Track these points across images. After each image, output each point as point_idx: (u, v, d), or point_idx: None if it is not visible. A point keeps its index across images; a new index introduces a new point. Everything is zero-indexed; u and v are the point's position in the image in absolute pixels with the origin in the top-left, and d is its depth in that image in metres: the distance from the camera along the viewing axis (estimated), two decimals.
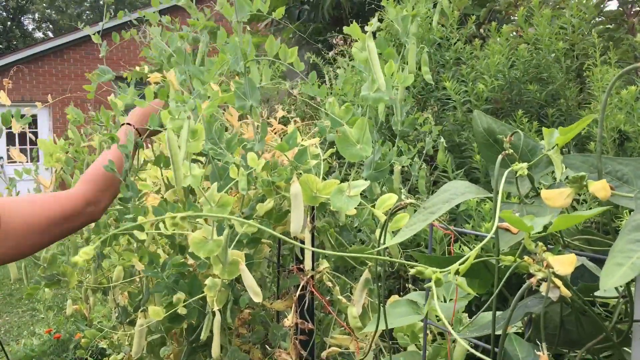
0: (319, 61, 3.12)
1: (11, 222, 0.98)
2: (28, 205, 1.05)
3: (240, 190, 1.02)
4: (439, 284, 0.53)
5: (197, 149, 0.99)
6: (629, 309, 0.67)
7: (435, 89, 2.38)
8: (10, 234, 0.98)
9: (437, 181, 2.13)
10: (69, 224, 1.10)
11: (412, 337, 1.26)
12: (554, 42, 2.14)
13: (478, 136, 0.84)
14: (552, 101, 2.20)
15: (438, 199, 0.75)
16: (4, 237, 0.97)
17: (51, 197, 1.11)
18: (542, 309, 0.63)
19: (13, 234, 0.99)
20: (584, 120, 0.68)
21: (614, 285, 0.52)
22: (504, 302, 1.35)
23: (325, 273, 1.25)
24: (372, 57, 0.92)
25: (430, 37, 2.40)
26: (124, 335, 1.68)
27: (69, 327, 3.80)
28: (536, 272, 0.58)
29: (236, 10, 1.05)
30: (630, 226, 0.57)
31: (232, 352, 1.32)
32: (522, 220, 0.59)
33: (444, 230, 1.06)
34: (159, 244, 1.46)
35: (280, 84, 1.55)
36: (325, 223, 1.32)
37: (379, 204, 1.09)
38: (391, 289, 1.96)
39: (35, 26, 27.22)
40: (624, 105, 1.75)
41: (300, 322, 1.24)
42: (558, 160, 0.70)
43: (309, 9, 5.23)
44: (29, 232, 1.02)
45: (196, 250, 0.99)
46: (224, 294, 1.20)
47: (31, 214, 1.04)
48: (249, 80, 1.09)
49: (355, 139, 0.93)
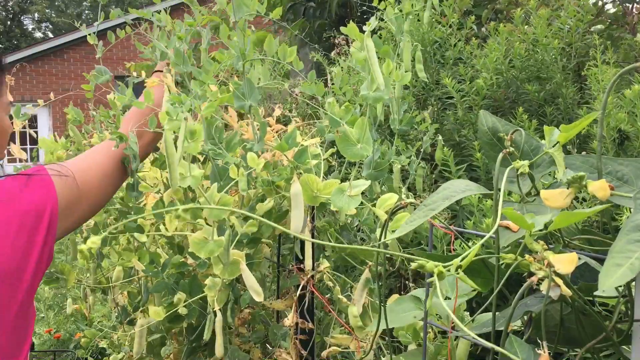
0: (323, 60, 3.11)
1: (85, 180, 1.02)
2: (90, 158, 1.09)
3: (240, 191, 1.02)
4: (441, 277, 0.53)
5: (195, 150, 0.99)
6: (629, 308, 0.67)
7: (435, 88, 2.38)
8: (86, 191, 1.02)
9: (437, 180, 2.13)
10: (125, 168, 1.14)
11: (414, 335, 1.26)
12: (551, 42, 2.14)
13: (482, 135, 0.84)
14: (550, 100, 2.20)
15: (438, 196, 0.75)
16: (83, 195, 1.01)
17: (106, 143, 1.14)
18: (542, 308, 0.63)
19: (88, 189, 1.02)
20: (585, 118, 0.68)
21: (612, 286, 0.52)
22: (504, 301, 1.35)
23: (326, 272, 1.25)
24: (370, 57, 0.92)
25: (431, 37, 2.40)
26: (124, 335, 1.68)
27: (69, 326, 3.80)
28: (537, 271, 0.58)
29: (234, 11, 1.05)
30: (630, 226, 0.57)
31: (232, 351, 1.32)
32: (523, 218, 0.59)
33: (444, 230, 1.06)
34: (159, 244, 1.46)
35: (280, 84, 1.55)
36: (325, 223, 1.32)
37: (379, 203, 1.09)
38: (392, 288, 1.96)
39: (35, 26, 27.22)
40: (626, 105, 1.75)
41: (301, 322, 1.24)
42: (560, 158, 0.70)
43: (314, 6, 5.20)
44: (103, 184, 1.07)
45: (197, 250, 0.99)
46: (225, 294, 1.20)
47: (102, 165, 1.08)
48: (248, 80, 1.09)
49: (355, 138, 0.93)
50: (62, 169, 0.98)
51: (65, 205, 0.96)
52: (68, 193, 0.97)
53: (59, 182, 0.96)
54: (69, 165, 1.02)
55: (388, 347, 1.28)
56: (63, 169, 0.99)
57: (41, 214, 0.90)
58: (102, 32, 1.49)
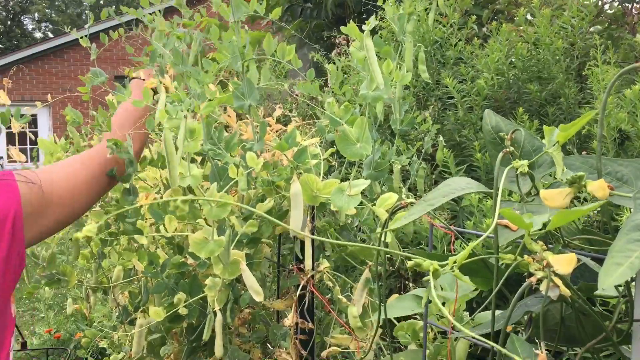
0: (322, 60, 3.11)
1: (54, 188, 1.02)
2: (68, 167, 1.09)
3: (239, 191, 1.02)
4: (437, 276, 0.54)
5: (195, 149, 0.99)
6: (629, 308, 0.67)
7: (436, 88, 2.38)
8: (55, 200, 1.02)
9: (438, 180, 2.13)
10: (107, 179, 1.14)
11: (413, 335, 1.26)
12: (554, 41, 2.14)
13: (486, 134, 0.85)
14: (552, 100, 2.20)
15: (438, 192, 0.75)
16: (52, 203, 1.01)
17: (86, 153, 1.15)
18: (541, 308, 0.63)
19: (57, 197, 1.02)
20: (584, 117, 0.68)
21: (612, 285, 0.52)
22: (504, 301, 1.35)
23: (326, 272, 1.25)
24: (370, 56, 0.92)
25: (431, 37, 2.40)
26: (124, 335, 1.68)
27: (69, 326, 3.80)
28: (536, 271, 0.57)
29: (232, 11, 1.05)
30: (629, 226, 0.57)
31: (232, 351, 1.32)
32: (521, 218, 0.59)
33: (444, 230, 1.06)
34: (158, 244, 1.46)
35: (279, 84, 1.55)
36: (325, 223, 1.32)
37: (379, 203, 1.08)
38: (392, 288, 1.96)
39: (34, 26, 27.24)
40: (626, 104, 1.75)
41: (301, 322, 1.24)
42: (559, 158, 0.70)
43: (311, 7, 5.21)
44: (76, 193, 1.06)
45: (197, 250, 0.99)
46: (225, 294, 1.20)
47: (74, 175, 1.08)
48: (247, 80, 1.09)
49: (355, 137, 0.93)
50: (31, 176, 0.98)
51: (31, 212, 0.96)
52: (34, 199, 0.97)
53: (25, 188, 0.96)
54: (40, 174, 1.01)
55: (388, 347, 1.28)
56: (32, 176, 0.98)
57: (4, 219, 0.90)
58: (96, 34, 1.49)
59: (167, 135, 0.96)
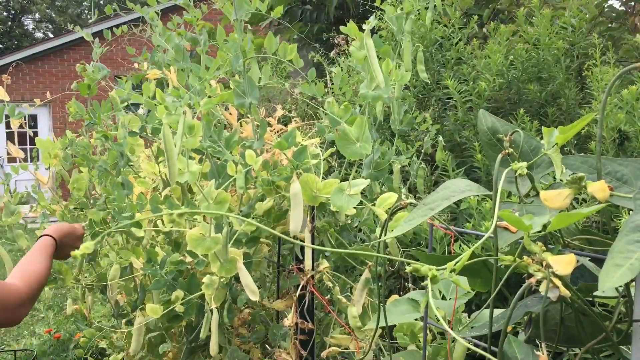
0: (323, 60, 3.10)
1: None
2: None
3: (237, 189, 1.01)
4: (435, 281, 0.53)
5: (194, 145, 0.99)
6: (629, 308, 0.67)
7: (436, 89, 2.38)
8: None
9: (438, 181, 2.12)
10: (6, 315, 1.07)
11: (412, 336, 1.26)
12: (554, 42, 2.14)
13: (482, 135, 0.84)
14: (552, 100, 2.19)
15: (438, 195, 0.75)
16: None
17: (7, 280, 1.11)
18: (541, 309, 0.62)
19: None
20: (584, 118, 0.68)
21: (612, 286, 0.52)
22: (504, 302, 1.35)
23: (326, 273, 1.24)
24: (370, 55, 0.92)
25: (432, 37, 2.39)
26: (123, 335, 1.67)
27: (68, 326, 3.79)
28: (535, 272, 0.57)
29: (235, 9, 1.05)
30: (629, 227, 0.57)
31: (232, 351, 1.32)
32: (520, 220, 0.58)
33: (444, 230, 1.06)
34: (156, 241, 1.46)
35: (280, 84, 1.55)
36: (325, 223, 1.32)
37: (379, 203, 1.08)
38: (391, 289, 1.95)
39: (35, 26, 27.25)
40: (625, 105, 1.75)
41: (300, 322, 1.23)
42: (557, 159, 0.70)
43: (311, 9, 5.19)
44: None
45: (194, 247, 0.99)
46: (222, 292, 1.19)
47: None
48: (248, 78, 1.09)
49: (354, 137, 0.93)
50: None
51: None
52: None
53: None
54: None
55: (388, 348, 1.27)
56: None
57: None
58: (98, 33, 1.49)
59: (166, 131, 0.96)
